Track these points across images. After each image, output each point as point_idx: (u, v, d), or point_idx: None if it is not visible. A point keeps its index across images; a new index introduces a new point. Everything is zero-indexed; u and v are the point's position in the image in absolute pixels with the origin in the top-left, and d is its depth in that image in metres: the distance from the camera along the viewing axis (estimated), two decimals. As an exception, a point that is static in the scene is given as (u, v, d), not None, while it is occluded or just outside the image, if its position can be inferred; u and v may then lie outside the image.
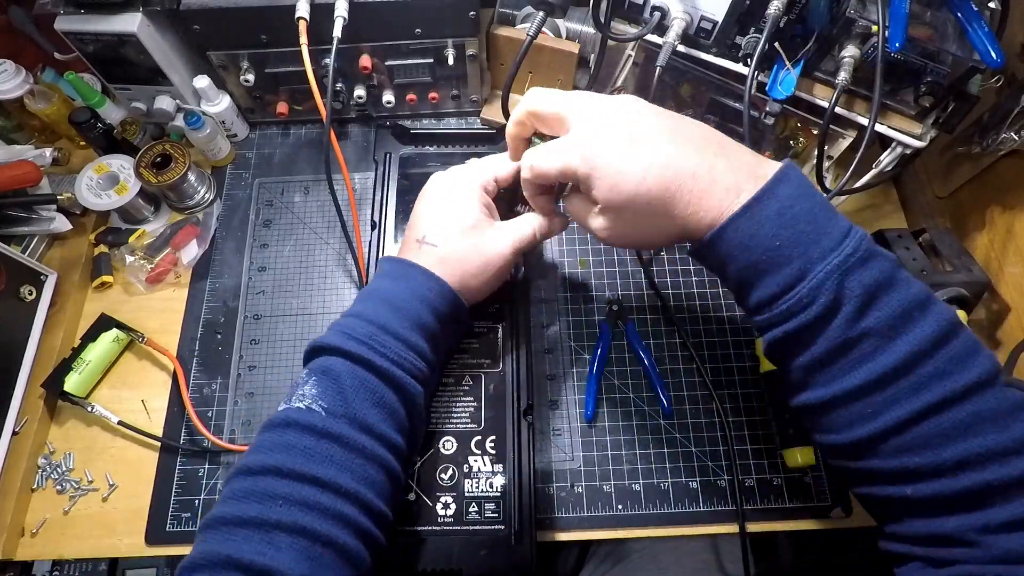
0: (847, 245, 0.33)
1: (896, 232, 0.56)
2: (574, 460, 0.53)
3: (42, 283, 0.57)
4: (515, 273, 0.53)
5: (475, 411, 0.48)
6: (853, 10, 0.44)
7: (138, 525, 0.51)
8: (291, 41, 0.52)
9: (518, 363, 0.50)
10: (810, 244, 0.33)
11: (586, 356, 0.56)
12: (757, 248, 0.34)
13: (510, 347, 0.50)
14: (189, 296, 0.59)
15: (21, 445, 0.52)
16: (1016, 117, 0.49)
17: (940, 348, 0.32)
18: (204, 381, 0.56)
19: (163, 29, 0.55)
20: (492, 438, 0.47)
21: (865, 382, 0.33)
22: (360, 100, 0.63)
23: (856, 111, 0.50)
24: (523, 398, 0.49)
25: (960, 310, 0.51)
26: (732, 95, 0.56)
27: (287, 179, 0.66)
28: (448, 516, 0.45)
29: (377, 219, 0.56)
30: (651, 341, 0.57)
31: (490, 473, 0.46)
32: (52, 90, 0.62)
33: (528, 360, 0.50)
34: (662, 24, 0.49)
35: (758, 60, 0.46)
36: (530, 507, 0.45)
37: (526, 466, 0.46)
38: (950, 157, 0.58)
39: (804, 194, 0.34)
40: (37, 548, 0.50)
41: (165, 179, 0.58)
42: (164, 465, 0.53)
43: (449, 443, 0.47)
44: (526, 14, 0.63)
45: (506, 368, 0.50)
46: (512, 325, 0.51)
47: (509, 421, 0.48)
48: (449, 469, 0.46)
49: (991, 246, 0.55)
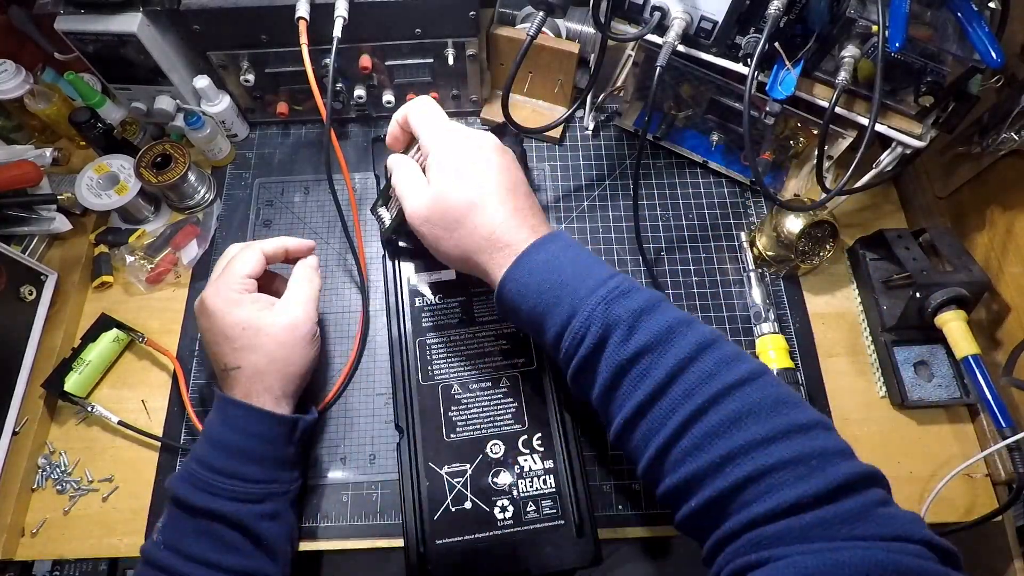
0: (610, 282, 0.37)
1: (896, 232, 0.56)
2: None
3: (42, 283, 0.57)
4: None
5: (517, 411, 0.49)
6: (853, 10, 0.44)
7: (138, 525, 0.51)
8: (291, 41, 0.52)
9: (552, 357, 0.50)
10: (577, 285, 0.38)
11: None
12: (531, 294, 0.39)
13: None
14: (189, 296, 0.59)
15: (21, 445, 0.52)
16: (1016, 117, 0.49)
17: (706, 351, 0.35)
18: (204, 381, 0.56)
19: (163, 29, 0.55)
20: (538, 435, 0.48)
21: (647, 396, 0.35)
22: (360, 100, 0.63)
23: (856, 111, 0.50)
24: (562, 391, 0.49)
25: (960, 310, 0.51)
26: (732, 95, 0.56)
27: (287, 179, 0.66)
28: (507, 519, 0.45)
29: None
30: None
31: (542, 470, 0.47)
32: (52, 90, 0.62)
33: None
34: (662, 24, 0.49)
35: (758, 60, 0.46)
36: (587, 498, 0.46)
37: (576, 458, 0.47)
38: (950, 157, 0.58)
39: (569, 247, 0.40)
40: (37, 548, 0.50)
41: (165, 179, 0.58)
42: (164, 465, 0.53)
43: (497, 446, 0.47)
44: (526, 14, 0.63)
45: (541, 364, 0.50)
46: None
47: (552, 415, 0.48)
48: (501, 472, 0.47)
49: (991, 246, 0.55)
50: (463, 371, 0.50)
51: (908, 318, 0.53)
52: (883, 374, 0.55)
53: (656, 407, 0.35)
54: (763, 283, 0.57)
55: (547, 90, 0.66)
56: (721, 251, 0.61)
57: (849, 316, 0.59)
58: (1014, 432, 0.47)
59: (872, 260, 0.58)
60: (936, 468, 0.52)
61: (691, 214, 0.63)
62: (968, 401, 0.53)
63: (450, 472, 0.47)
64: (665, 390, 0.35)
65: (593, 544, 0.44)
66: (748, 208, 0.63)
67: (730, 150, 0.63)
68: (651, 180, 0.65)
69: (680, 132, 0.64)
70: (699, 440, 0.33)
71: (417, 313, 0.53)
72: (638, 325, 0.36)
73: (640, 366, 0.35)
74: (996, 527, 0.51)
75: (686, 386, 0.34)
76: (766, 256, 0.58)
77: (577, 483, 0.46)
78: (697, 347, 0.35)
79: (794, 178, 0.62)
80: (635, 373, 0.36)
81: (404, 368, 0.50)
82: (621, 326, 0.36)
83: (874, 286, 0.56)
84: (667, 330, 0.35)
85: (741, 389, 0.34)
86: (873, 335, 0.57)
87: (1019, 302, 0.52)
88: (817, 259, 0.57)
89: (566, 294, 0.38)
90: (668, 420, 0.34)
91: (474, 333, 0.52)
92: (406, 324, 0.52)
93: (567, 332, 0.38)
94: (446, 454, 0.47)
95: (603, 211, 0.63)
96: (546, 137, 0.67)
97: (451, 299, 0.53)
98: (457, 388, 0.50)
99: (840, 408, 0.54)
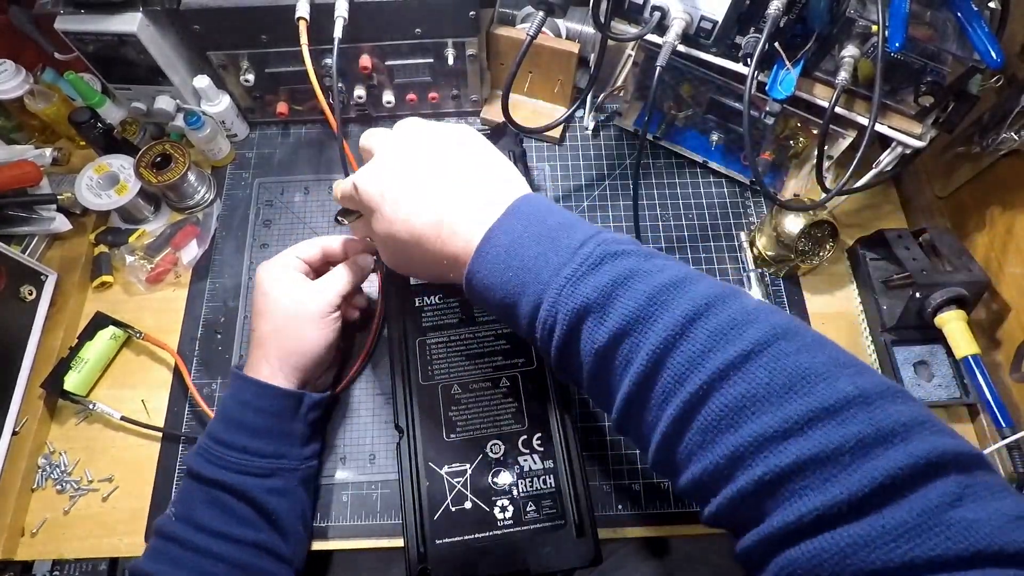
0: (580, 253, 0.31)
1: (896, 232, 0.57)
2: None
3: (42, 283, 0.57)
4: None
5: (517, 411, 0.48)
6: (853, 10, 0.44)
7: (138, 525, 0.51)
8: (291, 41, 0.52)
9: None
10: (541, 266, 0.32)
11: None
12: (497, 287, 0.34)
13: None
14: (189, 296, 0.59)
15: (21, 445, 0.52)
16: (1016, 117, 0.49)
17: (698, 322, 0.28)
18: (204, 381, 0.56)
19: (163, 29, 0.55)
20: (538, 435, 0.48)
21: (633, 387, 0.30)
22: (360, 100, 0.63)
23: (856, 111, 0.50)
24: (562, 392, 0.49)
25: (960, 310, 0.51)
26: (732, 95, 0.56)
27: (287, 179, 0.66)
28: (507, 519, 0.45)
29: None
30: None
31: (542, 470, 0.47)
32: (52, 90, 0.62)
33: None
34: (662, 24, 0.49)
35: (758, 60, 0.46)
36: (587, 498, 0.46)
37: (576, 458, 0.47)
38: (950, 157, 0.58)
39: (533, 218, 0.34)
40: (37, 548, 0.50)
41: (165, 179, 0.58)
42: (164, 463, 0.53)
43: (497, 446, 0.47)
44: (526, 14, 0.63)
45: (541, 364, 0.50)
46: None
47: (552, 416, 0.48)
48: (501, 472, 0.47)
49: (991, 246, 0.55)
50: (463, 371, 0.50)
51: (908, 318, 0.53)
52: (883, 374, 0.55)
53: (648, 398, 0.30)
54: (763, 283, 0.57)
55: (547, 90, 0.66)
56: (721, 251, 0.61)
57: (849, 316, 0.59)
58: (1014, 432, 0.47)
59: (872, 260, 0.58)
60: (936, 468, 0.52)
61: (691, 214, 0.63)
62: (968, 401, 0.53)
63: (450, 472, 0.47)
64: (653, 378, 0.29)
65: (593, 544, 0.44)
66: (748, 208, 0.63)
67: (730, 150, 0.63)
68: (651, 180, 0.65)
69: (680, 132, 0.64)
70: (701, 436, 0.28)
71: (417, 313, 0.53)
72: (612, 302, 0.30)
73: (622, 351, 0.30)
74: (996, 527, 0.51)
75: (675, 370, 0.28)
76: (766, 256, 0.58)
77: (577, 483, 0.46)
78: (686, 317, 0.28)
79: (794, 178, 0.62)
80: (618, 360, 0.30)
81: (404, 368, 0.50)
82: (594, 307, 0.30)
83: (874, 286, 0.56)
84: (647, 301, 0.29)
85: (745, 367, 0.27)
86: (873, 335, 0.57)
87: (1019, 302, 0.52)
88: (817, 259, 0.57)
89: (530, 279, 0.32)
90: (662, 413, 0.29)
91: (474, 333, 0.52)
92: (406, 324, 0.52)
93: (536, 324, 0.33)
94: (446, 454, 0.47)
95: (603, 211, 0.63)
96: (546, 137, 0.67)
97: (451, 299, 0.53)
98: (457, 388, 0.50)
99: (840, 408, 0.54)
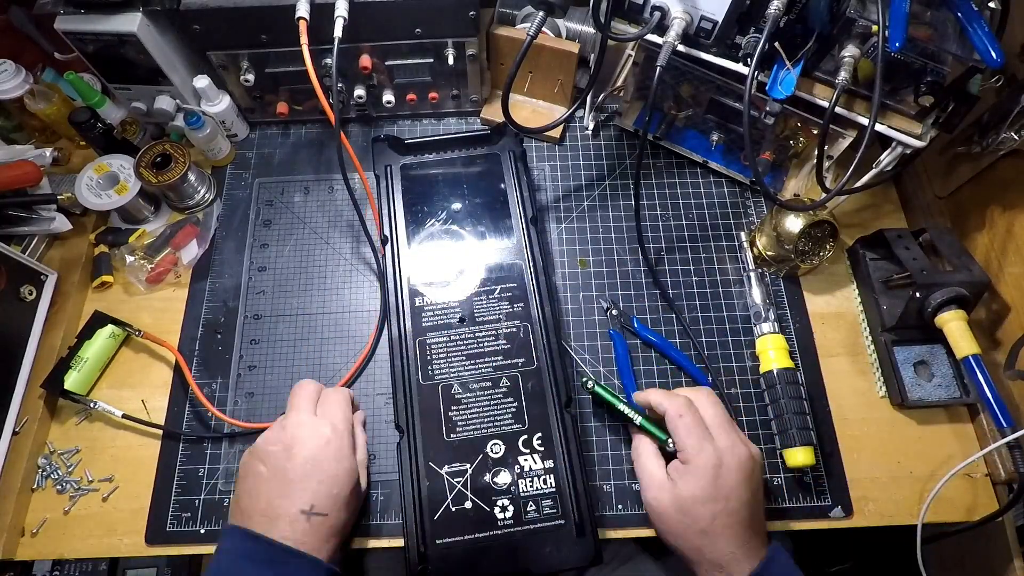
0: None
1: (896, 232, 0.57)
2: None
3: (42, 283, 0.57)
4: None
5: (517, 411, 0.49)
6: (853, 10, 0.44)
7: (138, 525, 0.51)
8: (291, 41, 0.52)
9: (552, 357, 0.50)
10: None
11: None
12: None
13: (542, 344, 0.51)
14: (189, 296, 0.59)
15: (21, 445, 0.52)
16: (1016, 117, 0.49)
17: None
18: (204, 381, 0.56)
19: (163, 29, 0.55)
20: (538, 435, 0.48)
21: None
22: (360, 100, 0.63)
23: (856, 111, 0.50)
24: (562, 392, 0.49)
25: (960, 310, 0.51)
26: (732, 95, 0.56)
27: (287, 179, 0.66)
28: (507, 519, 0.45)
29: (388, 232, 0.56)
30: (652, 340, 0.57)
31: (542, 470, 0.47)
32: (52, 90, 0.62)
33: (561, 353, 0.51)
34: (662, 24, 0.49)
35: (758, 60, 0.46)
36: (587, 498, 0.46)
37: (576, 459, 0.47)
38: (950, 157, 0.58)
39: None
40: (37, 548, 0.50)
41: (165, 179, 0.58)
42: (165, 462, 0.53)
43: (497, 446, 0.47)
44: (526, 14, 0.63)
45: (541, 364, 0.50)
46: (542, 321, 0.52)
47: (552, 416, 0.48)
48: (501, 472, 0.47)
49: (991, 246, 0.55)
50: (463, 371, 0.50)
51: (908, 318, 0.53)
52: (883, 374, 0.55)
53: None
54: (763, 283, 0.57)
55: (547, 90, 0.66)
56: (721, 251, 0.61)
57: (849, 316, 0.59)
58: (1014, 431, 0.47)
59: (872, 260, 0.58)
60: (936, 468, 0.52)
61: (691, 214, 0.63)
62: (968, 401, 0.53)
63: (450, 472, 0.47)
64: None
65: (593, 544, 0.45)
66: (748, 208, 0.63)
67: (730, 150, 0.63)
68: (651, 180, 0.65)
69: (680, 132, 0.64)
70: None
71: (417, 313, 0.53)
72: None
73: None
74: (996, 527, 0.51)
75: None
76: (766, 256, 0.58)
77: (577, 483, 0.46)
78: None
79: (794, 178, 0.62)
80: None
81: (404, 368, 0.50)
82: None
83: (874, 286, 0.56)
84: None
85: None
86: (873, 335, 0.57)
87: (1019, 302, 0.52)
88: (817, 259, 0.57)
89: None
90: None
91: (474, 333, 0.52)
92: (406, 324, 0.52)
93: None
94: (446, 454, 0.47)
95: (603, 211, 0.63)
96: (546, 137, 0.67)
97: (451, 299, 0.53)
98: (457, 388, 0.50)
99: (840, 408, 0.54)
